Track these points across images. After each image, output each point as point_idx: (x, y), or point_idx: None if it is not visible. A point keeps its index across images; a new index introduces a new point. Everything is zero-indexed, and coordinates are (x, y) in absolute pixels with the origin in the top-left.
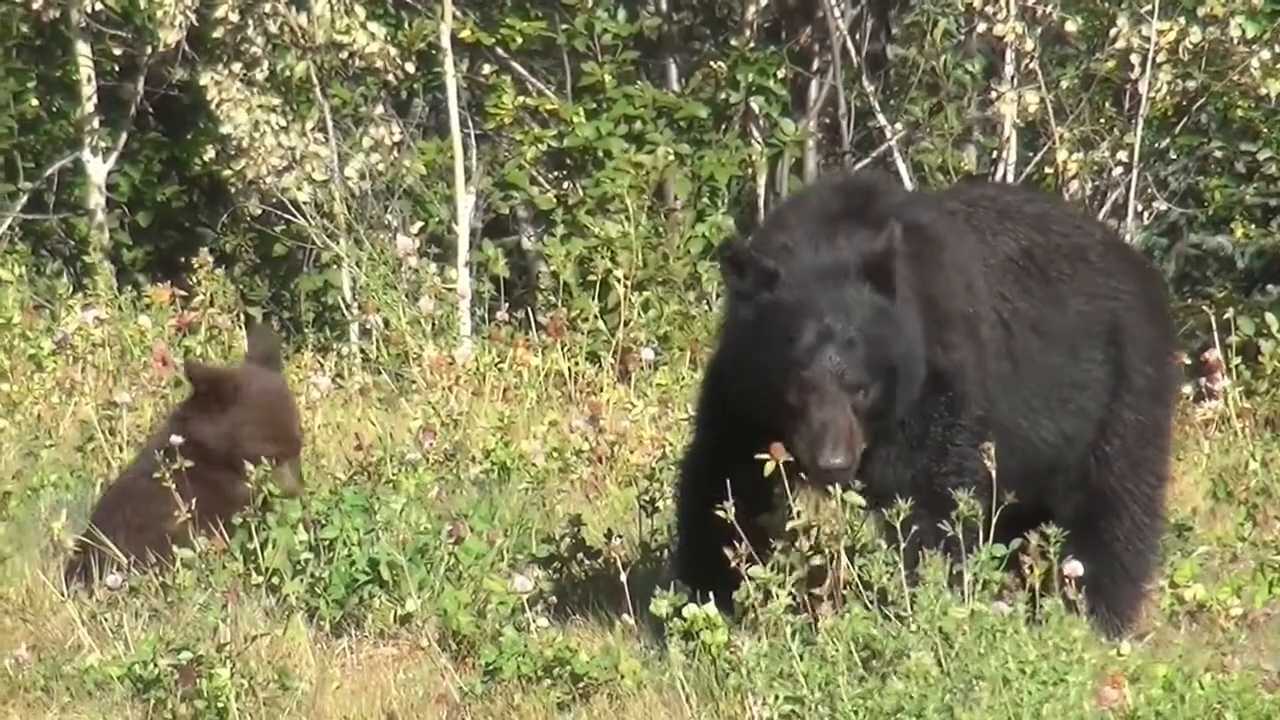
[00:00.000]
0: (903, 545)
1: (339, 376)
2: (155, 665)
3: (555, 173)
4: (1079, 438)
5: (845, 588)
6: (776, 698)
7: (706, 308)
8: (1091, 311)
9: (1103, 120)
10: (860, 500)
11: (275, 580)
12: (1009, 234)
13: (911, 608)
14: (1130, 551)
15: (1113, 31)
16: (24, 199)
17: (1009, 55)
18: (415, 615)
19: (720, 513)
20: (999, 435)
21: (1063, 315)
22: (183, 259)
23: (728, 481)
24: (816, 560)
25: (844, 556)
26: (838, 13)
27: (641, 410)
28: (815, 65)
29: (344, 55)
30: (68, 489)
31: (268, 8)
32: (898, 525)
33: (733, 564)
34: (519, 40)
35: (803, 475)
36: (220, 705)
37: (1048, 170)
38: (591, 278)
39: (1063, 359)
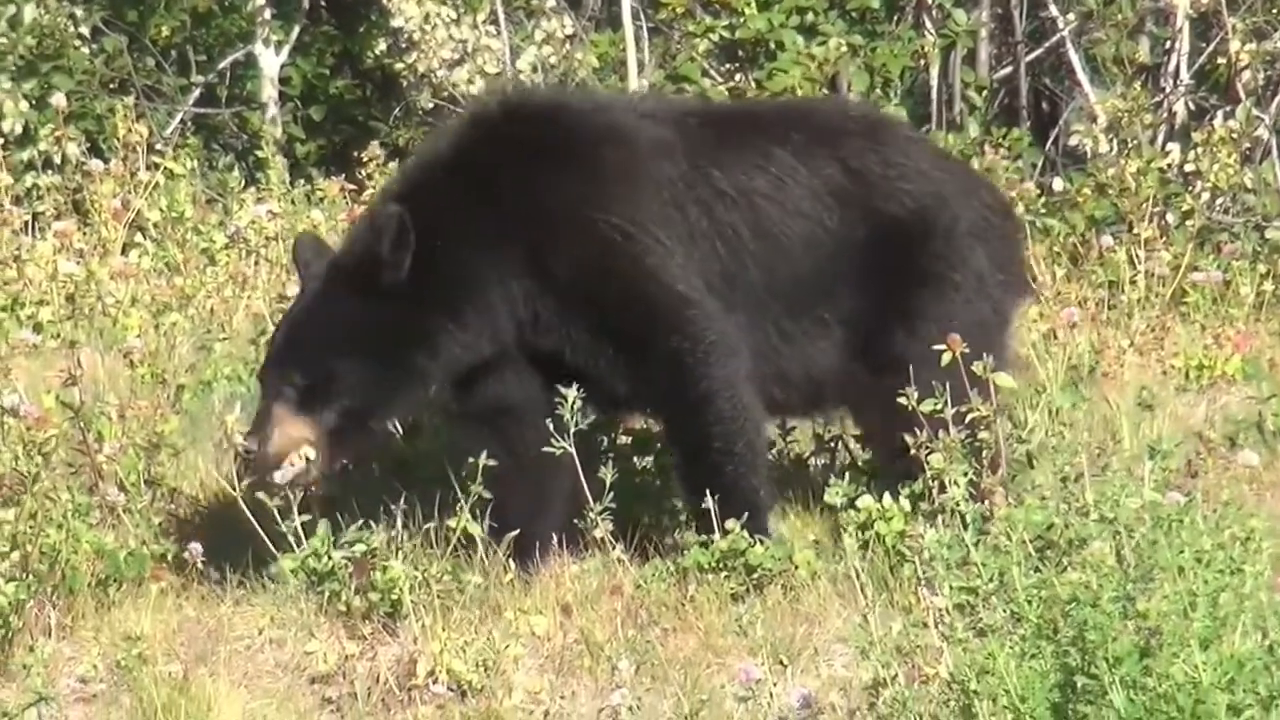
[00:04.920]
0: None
1: None
2: (329, 558)
3: (728, 65)
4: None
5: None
6: (951, 588)
7: None
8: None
9: (1275, 10)
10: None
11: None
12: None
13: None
14: None
15: None
16: (196, 93)
17: None
18: (589, 507)
19: None
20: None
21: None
22: (355, 153)
23: None
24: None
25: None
26: None
27: None
28: None
29: None
30: (241, 382)
31: None
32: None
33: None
34: None
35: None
36: (394, 598)
37: (1220, 61)
38: None
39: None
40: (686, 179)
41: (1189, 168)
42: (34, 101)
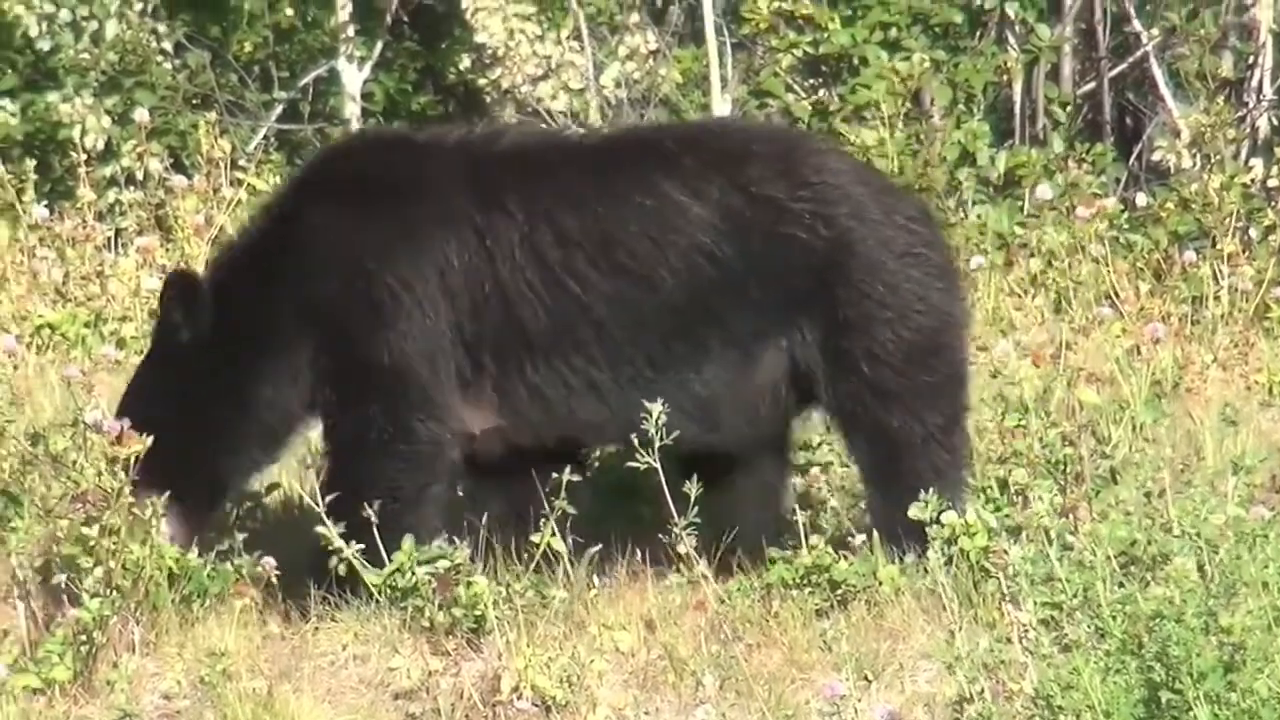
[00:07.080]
0: None
1: None
2: (413, 574)
3: (811, 80)
4: None
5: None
6: (1036, 603)
7: (963, 214)
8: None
9: None
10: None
11: None
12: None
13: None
14: None
15: None
16: (279, 109)
17: None
18: (673, 524)
19: None
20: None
21: None
22: None
23: None
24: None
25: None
26: None
27: None
28: None
29: None
30: None
31: None
32: None
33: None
34: None
35: None
36: (478, 614)
37: None
38: None
39: None
40: (520, 228)
41: (1272, 183)
42: (116, 117)
